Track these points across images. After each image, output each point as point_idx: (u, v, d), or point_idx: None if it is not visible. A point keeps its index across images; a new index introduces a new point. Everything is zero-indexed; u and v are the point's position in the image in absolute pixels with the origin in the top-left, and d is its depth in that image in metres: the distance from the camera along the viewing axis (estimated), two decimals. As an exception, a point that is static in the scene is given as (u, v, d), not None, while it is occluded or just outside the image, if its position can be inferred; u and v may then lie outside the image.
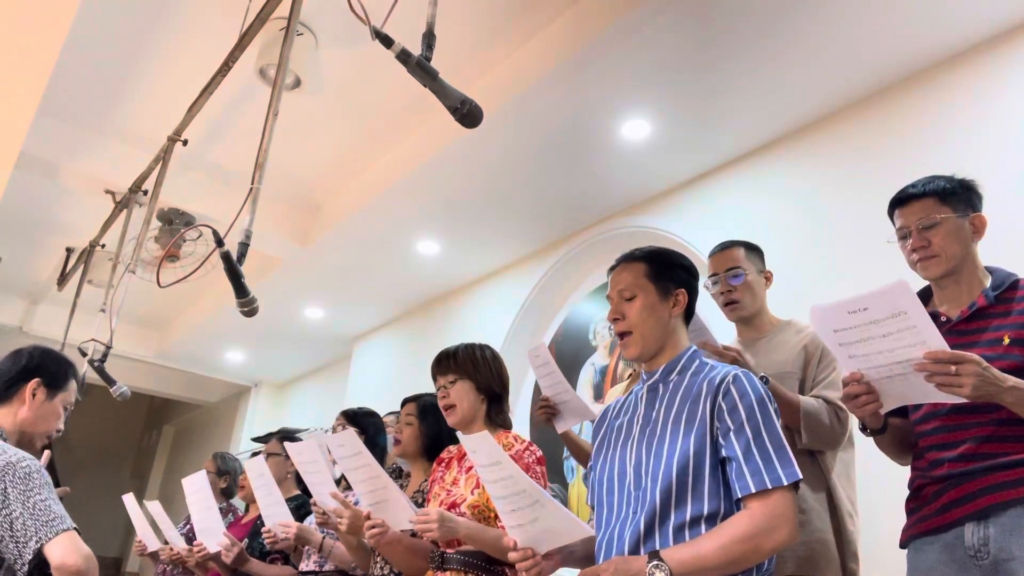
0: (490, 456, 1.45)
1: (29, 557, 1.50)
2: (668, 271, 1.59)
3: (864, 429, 1.59)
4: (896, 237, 1.69)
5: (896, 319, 1.34)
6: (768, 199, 3.43)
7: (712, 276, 2.17)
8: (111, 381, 3.33)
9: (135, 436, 10.68)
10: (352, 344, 6.33)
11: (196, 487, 2.89)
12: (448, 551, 1.90)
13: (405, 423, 2.42)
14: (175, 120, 3.27)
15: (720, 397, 1.41)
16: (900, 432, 1.65)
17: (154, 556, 3.17)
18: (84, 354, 3.34)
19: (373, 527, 1.93)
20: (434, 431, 2.36)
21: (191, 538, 3.00)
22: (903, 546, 1.62)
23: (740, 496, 1.33)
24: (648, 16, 2.79)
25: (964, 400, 1.37)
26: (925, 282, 1.70)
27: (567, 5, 3.08)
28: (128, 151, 4.11)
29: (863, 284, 1.50)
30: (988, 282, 1.61)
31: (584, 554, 1.54)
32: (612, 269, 1.66)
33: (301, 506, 2.84)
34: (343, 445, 1.99)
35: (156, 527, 3.14)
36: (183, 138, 3.30)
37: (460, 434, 1.59)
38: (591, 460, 1.65)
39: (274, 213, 4.67)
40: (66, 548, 1.51)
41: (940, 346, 1.33)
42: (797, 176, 3.35)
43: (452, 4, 3.02)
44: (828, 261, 3.07)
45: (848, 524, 1.93)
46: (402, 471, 2.68)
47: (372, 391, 5.73)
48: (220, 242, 1.80)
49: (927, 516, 1.54)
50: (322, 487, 2.23)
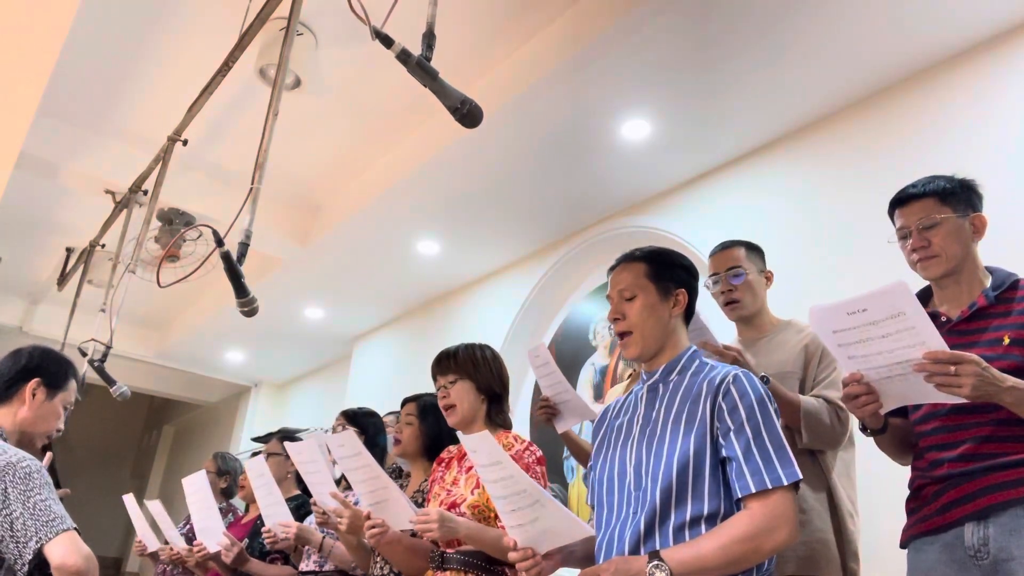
0: (490, 456, 1.45)
1: (29, 557, 1.50)
2: (668, 271, 1.60)
3: (864, 429, 1.59)
4: (896, 237, 1.69)
5: (895, 320, 1.34)
6: (768, 199, 3.43)
7: (713, 275, 2.16)
8: (111, 381, 3.33)
9: (135, 436, 10.68)
10: (352, 344, 6.33)
11: (196, 487, 2.89)
12: (448, 551, 1.90)
13: (405, 423, 2.42)
14: (175, 120, 3.27)
15: (720, 397, 1.41)
16: (900, 432, 1.65)
17: (154, 556, 3.17)
18: (84, 354, 3.34)
19: (373, 527, 1.93)
20: (434, 431, 2.36)
21: (191, 538, 3.00)
22: (903, 546, 1.62)
23: (740, 496, 1.33)
24: (648, 16, 2.79)
25: (964, 400, 1.37)
26: (926, 282, 1.70)
27: (567, 5, 3.08)
28: (128, 151, 4.11)
29: (863, 284, 1.50)
30: (988, 282, 1.61)
31: (584, 554, 1.54)
32: (612, 269, 1.66)
33: (301, 506, 2.84)
34: (343, 445, 1.99)
35: (156, 527, 3.14)
36: (183, 138, 3.31)
37: (460, 434, 1.58)
38: (591, 460, 1.65)
39: (274, 213, 4.67)
40: (66, 548, 1.51)
41: (939, 346, 1.33)
42: (797, 176, 3.35)
43: (452, 4, 3.02)
44: (828, 261, 3.07)
45: (849, 524, 1.93)
46: (402, 471, 2.68)
47: (372, 391, 5.73)
48: (220, 242, 1.80)
49: (927, 516, 1.54)
50: (322, 487, 2.23)
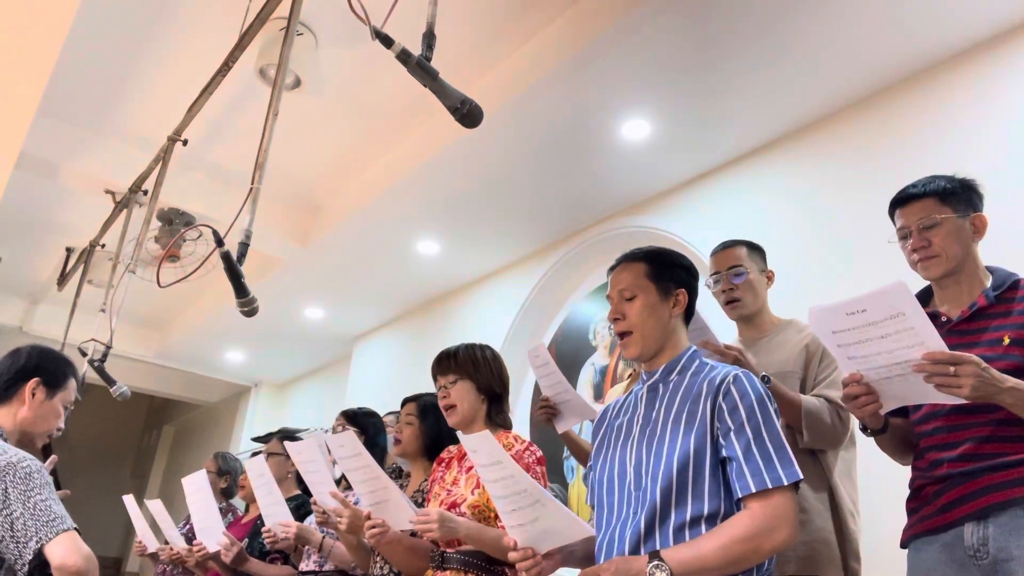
0: (490, 456, 1.45)
1: (29, 557, 1.50)
2: (668, 271, 1.60)
3: (864, 429, 1.59)
4: (897, 237, 1.69)
5: (894, 320, 1.34)
6: (768, 199, 3.43)
7: (714, 274, 2.16)
8: (111, 381, 3.33)
9: (135, 436, 10.68)
10: (352, 344, 6.33)
11: (196, 486, 2.88)
12: (448, 551, 1.90)
13: (405, 423, 2.42)
14: (175, 120, 3.27)
15: (720, 397, 1.41)
16: (901, 432, 1.65)
17: (154, 556, 3.17)
18: (84, 354, 3.34)
19: (373, 527, 1.93)
20: (434, 431, 2.36)
21: (191, 538, 3.00)
22: (903, 546, 1.63)
23: (741, 496, 1.33)
24: (648, 16, 2.79)
25: (963, 401, 1.37)
26: (926, 282, 1.70)
27: (567, 5, 3.08)
28: (128, 151, 4.11)
29: (863, 284, 1.50)
30: (989, 282, 1.61)
31: (584, 554, 1.54)
32: (612, 269, 1.66)
33: (301, 506, 2.84)
34: (343, 446, 1.99)
35: (156, 527, 3.14)
36: (183, 138, 3.31)
37: (460, 434, 1.58)
38: (591, 460, 1.65)
39: (274, 213, 4.67)
40: (67, 548, 1.51)
41: (938, 347, 1.33)
42: (797, 176, 3.35)
43: (452, 4, 3.02)
44: (828, 261, 3.07)
45: (850, 523, 1.93)
46: (402, 471, 2.68)
47: (372, 391, 5.73)
48: (220, 242, 1.80)
49: (927, 516, 1.54)
50: (322, 487, 2.23)
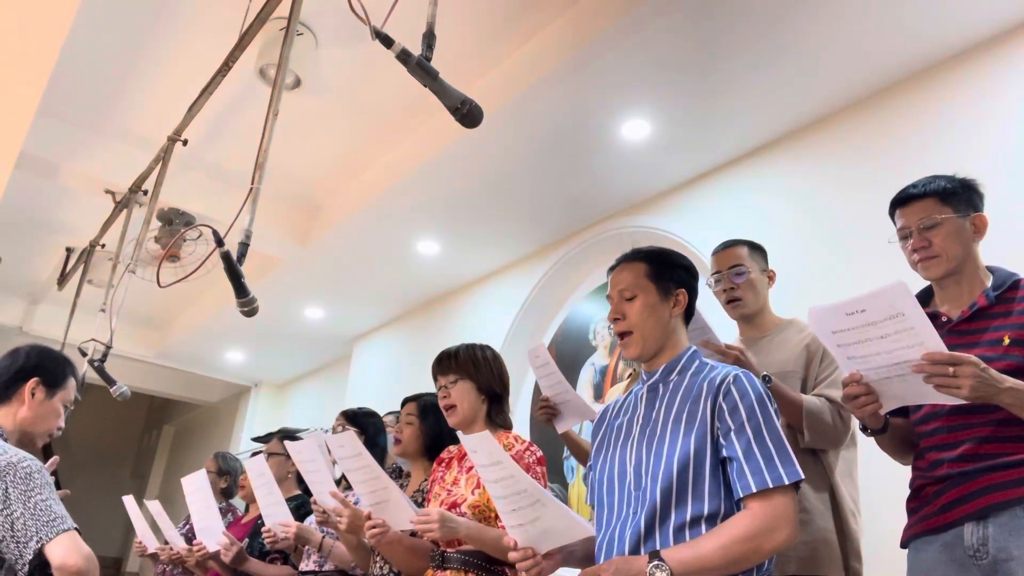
0: (491, 456, 1.45)
1: (30, 557, 1.50)
2: (668, 271, 1.60)
3: (865, 429, 1.59)
4: (897, 237, 1.69)
5: (894, 320, 1.34)
6: (768, 199, 3.43)
7: (715, 273, 2.16)
8: (111, 381, 3.33)
9: (135, 436, 10.68)
10: (352, 344, 6.33)
11: (196, 486, 2.88)
12: (448, 551, 1.90)
13: (405, 423, 2.42)
14: (175, 120, 3.27)
15: (720, 397, 1.41)
16: (901, 432, 1.66)
17: (154, 557, 3.16)
18: (84, 354, 3.34)
19: (373, 527, 1.93)
20: (434, 431, 2.36)
21: (191, 538, 3.00)
22: (904, 546, 1.63)
23: (741, 496, 1.33)
24: (648, 16, 2.79)
25: (963, 401, 1.37)
26: (926, 282, 1.70)
27: (567, 5, 3.08)
28: (128, 151, 4.11)
29: (863, 284, 1.50)
30: (989, 282, 1.61)
31: (584, 554, 1.54)
32: (612, 269, 1.66)
33: (301, 506, 2.84)
34: (343, 446, 1.99)
35: (156, 527, 3.14)
36: (183, 138, 3.30)
37: (460, 434, 1.58)
38: (590, 460, 1.65)
39: (274, 213, 4.67)
40: (67, 548, 1.51)
41: (938, 347, 1.33)
42: (797, 176, 3.35)
43: (452, 4, 3.02)
44: (828, 261, 3.07)
45: (851, 523, 1.93)
46: (402, 471, 2.68)
47: (372, 391, 5.73)
48: (220, 242, 1.80)
49: (927, 516, 1.54)
50: (322, 487, 2.23)
